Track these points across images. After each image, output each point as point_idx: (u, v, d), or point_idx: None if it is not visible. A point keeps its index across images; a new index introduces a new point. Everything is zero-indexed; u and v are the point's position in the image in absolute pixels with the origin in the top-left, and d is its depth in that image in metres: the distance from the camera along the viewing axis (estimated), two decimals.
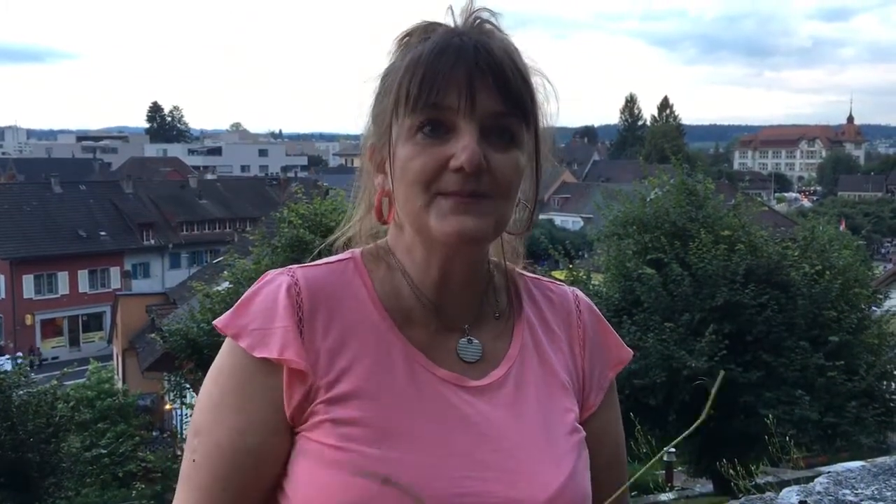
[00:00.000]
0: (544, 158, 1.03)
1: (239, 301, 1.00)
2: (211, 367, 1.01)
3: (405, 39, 1.01)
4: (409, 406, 0.96)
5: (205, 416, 0.98)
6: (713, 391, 0.58)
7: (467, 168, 0.91)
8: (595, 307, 1.16)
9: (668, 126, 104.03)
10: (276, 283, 1.00)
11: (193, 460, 0.98)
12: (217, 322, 1.00)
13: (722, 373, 0.63)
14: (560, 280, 1.23)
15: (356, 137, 1.12)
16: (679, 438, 0.64)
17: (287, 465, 0.96)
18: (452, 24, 0.99)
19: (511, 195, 0.97)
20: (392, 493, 0.90)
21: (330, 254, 1.09)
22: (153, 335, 17.15)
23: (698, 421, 0.59)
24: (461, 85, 0.92)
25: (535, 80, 1.00)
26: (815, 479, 1.80)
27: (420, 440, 0.94)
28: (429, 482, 0.91)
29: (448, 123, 0.93)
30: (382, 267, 1.05)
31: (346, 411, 0.94)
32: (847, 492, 1.74)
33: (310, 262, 1.07)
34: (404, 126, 0.94)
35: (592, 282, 12.12)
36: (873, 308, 12.18)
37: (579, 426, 1.05)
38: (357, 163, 1.13)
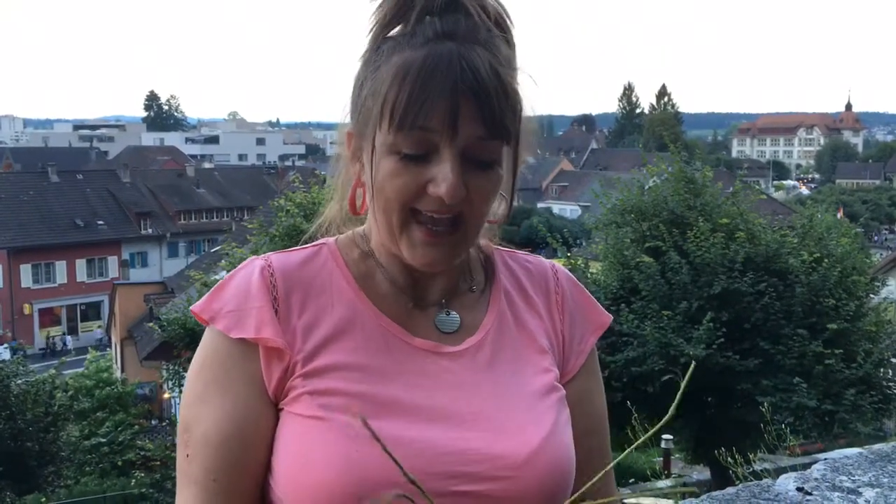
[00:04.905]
0: (524, 149, 1.01)
1: (214, 286, 1.02)
2: (192, 361, 1.02)
3: (386, 24, 0.97)
4: (387, 375, 0.98)
5: (191, 409, 0.99)
6: (683, 384, 0.57)
7: (447, 200, 0.91)
8: (573, 276, 1.17)
9: (666, 114, 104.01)
10: (249, 267, 1.02)
11: (187, 455, 0.98)
12: (194, 307, 1.01)
13: (693, 364, 0.63)
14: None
15: None
16: (656, 427, 0.64)
17: (273, 443, 0.97)
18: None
19: (485, 213, 0.97)
20: (373, 463, 0.89)
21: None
22: (151, 324, 17.15)
23: (670, 412, 0.59)
24: (445, 111, 0.90)
25: (518, 78, 0.97)
26: (812, 466, 1.80)
27: (398, 406, 0.95)
28: (410, 445, 0.92)
29: (430, 145, 0.92)
30: (357, 251, 1.06)
31: (323, 383, 0.96)
32: (844, 478, 1.74)
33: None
34: (388, 139, 0.93)
35: (590, 270, 12.14)
36: (871, 296, 12.20)
37: (559, 385, 1.06)
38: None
